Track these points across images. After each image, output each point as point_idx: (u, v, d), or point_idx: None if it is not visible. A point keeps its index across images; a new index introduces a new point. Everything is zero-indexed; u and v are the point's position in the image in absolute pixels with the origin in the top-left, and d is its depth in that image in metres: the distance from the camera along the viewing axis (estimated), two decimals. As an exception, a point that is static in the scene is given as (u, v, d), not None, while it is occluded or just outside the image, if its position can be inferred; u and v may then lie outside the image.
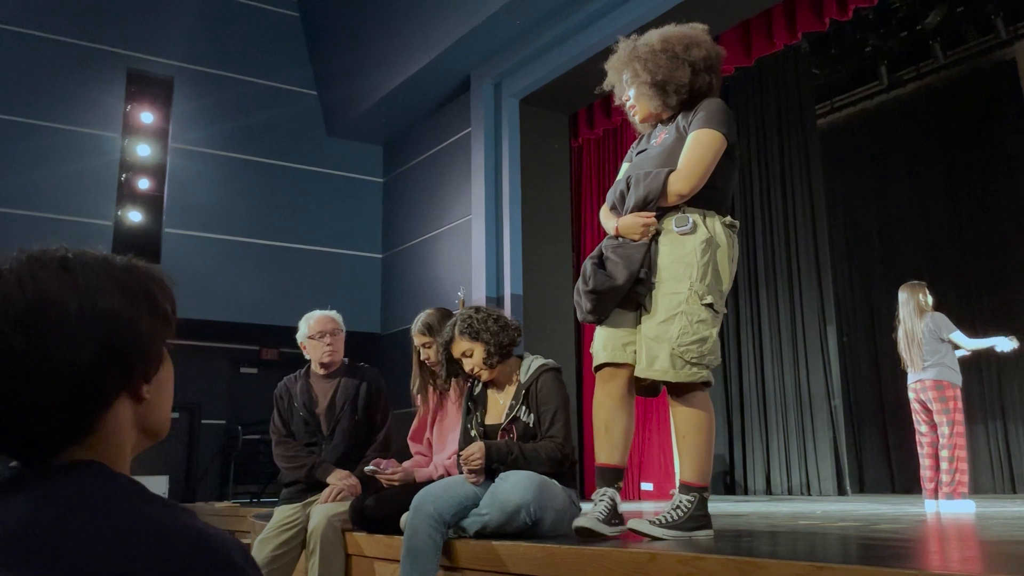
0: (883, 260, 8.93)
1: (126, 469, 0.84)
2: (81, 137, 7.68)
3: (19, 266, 0.79)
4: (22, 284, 0.77)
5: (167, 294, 0.88)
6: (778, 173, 8.31)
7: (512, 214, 7.10)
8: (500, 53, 7.12)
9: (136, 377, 0.83)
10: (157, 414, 0.88)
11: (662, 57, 2.58)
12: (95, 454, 0.80)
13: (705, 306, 2.44)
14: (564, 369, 2.83)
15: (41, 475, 0.76)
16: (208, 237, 8.03)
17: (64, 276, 0.79)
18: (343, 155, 8.95)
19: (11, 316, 0.76)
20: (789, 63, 8.28)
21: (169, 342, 0.89)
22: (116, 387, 0.82)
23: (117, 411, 0.83)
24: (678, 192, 2.48)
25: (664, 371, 2.42)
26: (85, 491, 0.74)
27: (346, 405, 3.61)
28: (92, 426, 0.80)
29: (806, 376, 7.77)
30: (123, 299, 0.82)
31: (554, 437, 2.85)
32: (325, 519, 3.32)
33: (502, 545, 2.56)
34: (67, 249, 0.83)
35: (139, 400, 0.85)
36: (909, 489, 7.82)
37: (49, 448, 0.79)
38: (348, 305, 5.84)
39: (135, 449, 0.87)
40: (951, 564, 1.90)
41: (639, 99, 2.70)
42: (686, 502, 2.45)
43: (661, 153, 2.60)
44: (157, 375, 0.87)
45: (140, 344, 0.83)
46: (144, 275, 0.86)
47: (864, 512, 4.49)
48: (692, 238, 2.48)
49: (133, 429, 0.86)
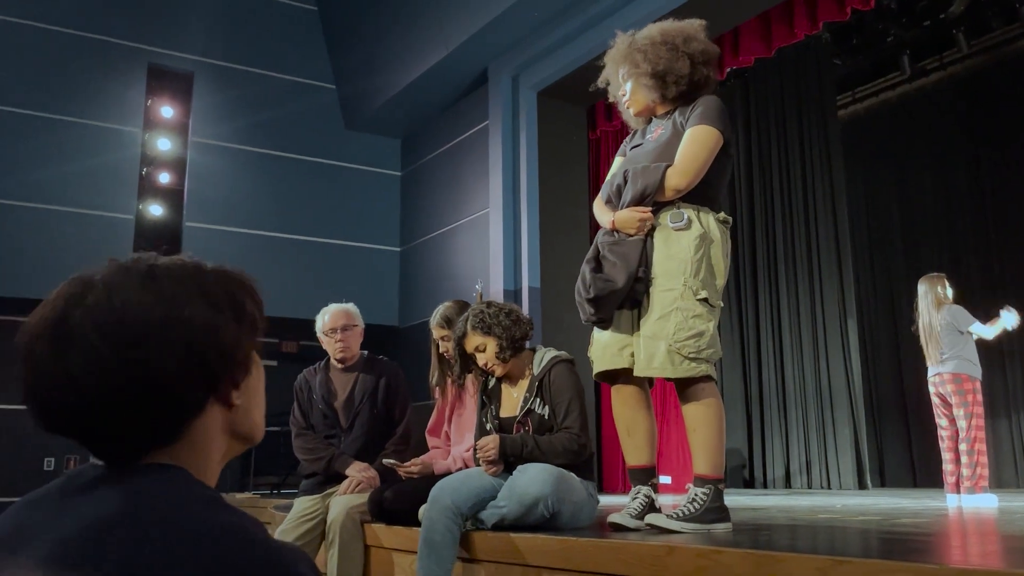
0: (905, 252, 8.84)
1: (209, 475, 0.85)
2: (103, 132, 7.75)
3: (109, 275, 0.82)
4: (110, 293, 0.80)
5: (256, 300, 0.90)
6: (799, 165, 8.24)
7: (530, 207, 7.10)
8: (518, 46, 7.11)
9: (223, 384, 0.85)
10: (249, 419, 0.90)
11: (662, 48, 2.60)
12: (179, 459, 0.82)
13: (700, 301, 2.45)
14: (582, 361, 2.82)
15: (120, 476, 0.78)
16: (228, 231, 8.09)
17: (149, 285, 0.81)
18: (361, 149, 8.98)
19: (99, 325, 0.78)
20: (810, 53, 8.19)
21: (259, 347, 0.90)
22: (203, 394, 0.83)
23: (207, 417, 0.84)
24: (675, 187, 2.49)
25: (663, 368, 2.44)
26: (157, 494, 0.76)
27: (365, 399, 3.63)
28: (179, 432, 0.82)
29: (826, 369, 7.71)
30: (207, 307, 0.83)
31: (570, 428, 2.85)
32: (344, 511, 3.34)
33: (520, 537, 2.57)
34: (157, 257, 0.85)
35: (229, 406, 0.86)
36: (931, 483, 7.75)
37: (135, 451, 0.81)
38: (366, 298, 5.89)
39: (228, 454, 0.89)
40: (972, 559, 1.88)
41: (636, 91, 2.71)
42: (701, 495, 2.45)
43: (657, 148, 2.61)
44: (247, 381, 0.88)
45: (224, 351, 0.83)
46: (233, 282, 0.88)
47: (885, 506, 4.46)
48: (686, 234, 2.49)
49: (223, 435, 0.87)
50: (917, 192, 8.83)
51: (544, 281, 6.99)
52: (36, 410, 0.80)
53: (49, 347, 0.78)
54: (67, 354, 0.77)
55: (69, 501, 0.76)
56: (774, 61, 7.62)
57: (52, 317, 0.79)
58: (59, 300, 0.80)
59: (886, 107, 9.14)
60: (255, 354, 0.90)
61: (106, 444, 0.80)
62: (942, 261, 8.29)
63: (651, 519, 2.47)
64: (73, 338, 0.77)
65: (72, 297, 0.80)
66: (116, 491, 0.75)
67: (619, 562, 2.19)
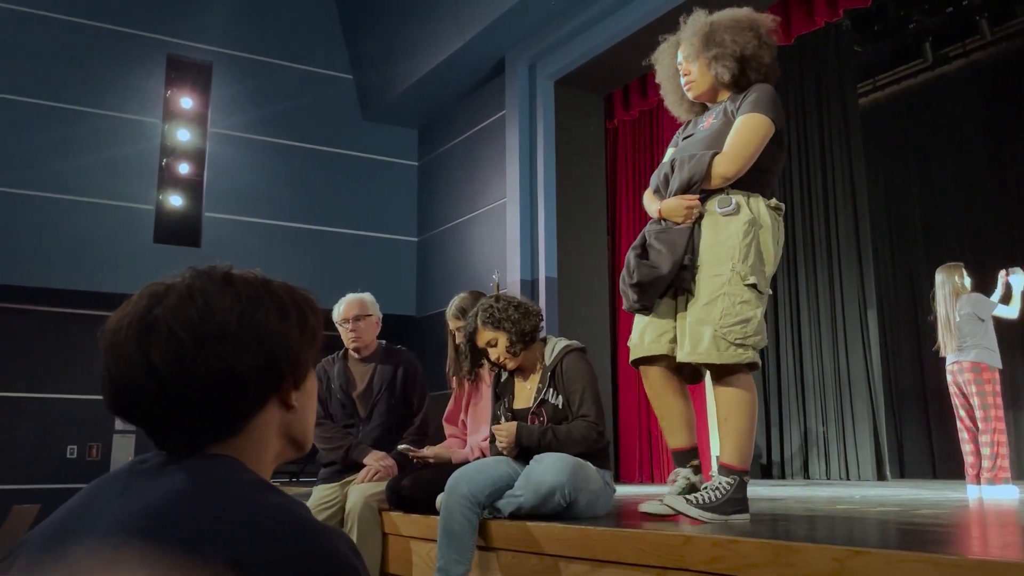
0: (925, 243, 8.75)
1: (263, 472, 0.91)
2: (123, 123, 7.80)
3: (189, 279, 0.90)
4: (192, 294, 0.87)
5: (317, 315, 0.98)
6: (818, 153, 8.17)
7: (547, 197, 7.08)
8: (535, 34, 7.08)
9: (286, 383, 0.92)
10: (303, 423, 0.97)
11: (748, 34, 2.58)
12: (237, 453, 0.88)
13: (748, 287, 2.42)
14: (599, 351, 2.84)
15: (182, 462, 0.85)
16: (247, 221, 8.14)
17: (227, 289, 0.89)
18: (378, 139, 9.00)
19: (182, 321, 0.85)
20: (830, 40, 8.11)
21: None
22: (267, 392, 0.91)
23: (265, 416, 0.92)
24: (722, 174, 2.46)
25: (708, 353, 2.41)
26: (217, 476, 0.82)
27: (383, 389, 3.65)
28: (241, 427, 0.89)
29: (845, 359, 7.66)
30: (277, 313, 0.91)
31: (587, 416, 2.85)
32: (362, 499, 3.37)
33: (537, 526, 2.58)
34: (231, 266, 0.94)
35: (288, 407, 0.94)
36: (951, 475, 7.69)
37: (198, 442, 0.87)
38: (384, 288, 5.90)
39: (278, 458, 0.96)
40: (991, 550, 1.87)
41: (705, 73, 2.66)
42: (725, 484, 2.43)
43: (708, 137, 2.59)
44: (304, 386, 0.96)
45: (290, 354, 0.91)
46: (298, 296, 0.97)
47: (904, 497, 4.44)
48: (735, 219, 2.46)
49: (278, 438, 0.94)
50: (938, 181, 8.72)
51: (561, 271, 6.98)
52: (113, 397, 0.87)
53: (134, 336, 0.85)
54: (150, 343, 0.84)
55: (135, 481, 0.83)
56: (794, 49, 7.55)
57: (137, 311, 0.86)
58: (143, 298, 0.88)
59: (907, 95, 9.04)
60: (311, 365, 0.97)
61: (173, 433, 0.87)
62: (963, 251, 8.20)
63: (669, 500, 2.46)
64: (158, 329, 0.84)
65: (155, 296, 0.87)
66: (179, 473, 0.82)
67: (635, 551, 2.20)
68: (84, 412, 7.65)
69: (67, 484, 7.42)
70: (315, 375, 1.00)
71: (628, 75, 7.20)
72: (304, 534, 0.78)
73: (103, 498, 0.82)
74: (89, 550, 0.75)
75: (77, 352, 7.47)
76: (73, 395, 7.72)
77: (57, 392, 7.72)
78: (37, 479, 7.46)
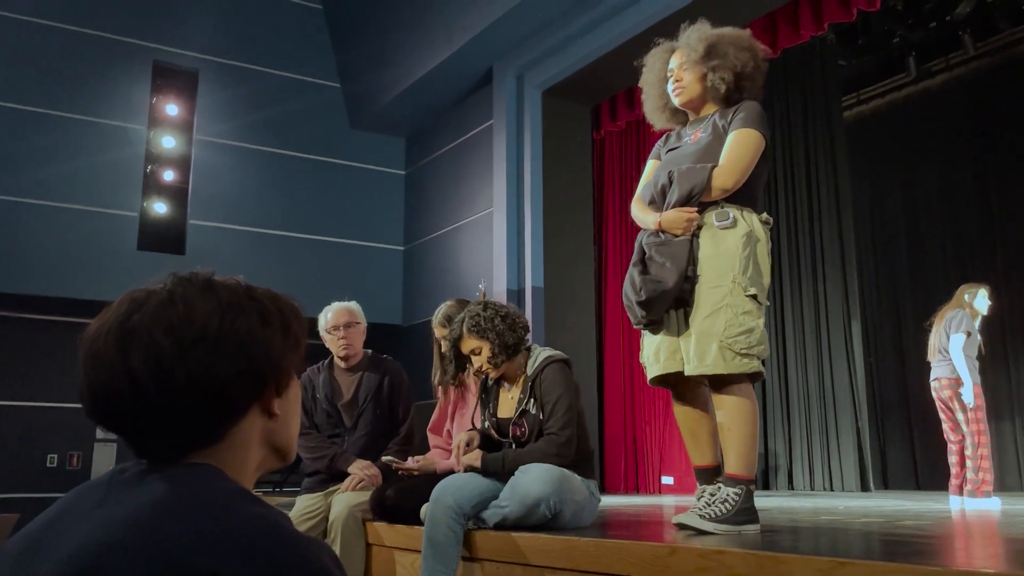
0: (909, 255, 8.82)
1: (244, 481, 0.90)
2: (108, 129, 7.76)
3: (171, 285, 0.88)
4: (173, 299, 0.86)
5: (300, 322, 0.96)
6: (803, 166, 8.22)
7: (534, 207, 7.10)
8: (523, 45, 7.11)
9: (268, 390, 0.91)
10: (286, 432, 0.96)
11: (746, 54, 2.65)
12: (218, 462, 0.87)
13: (749, 297, 2.44)
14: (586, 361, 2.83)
15: (163, 471, 0.83)
16: (232, 228, 8.10)
17: (209, 295, 0.88)
18: (365, 147, 8.99)
19: (163, 327, 0.84)
20: (815, 54, 8.18)
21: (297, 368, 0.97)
22: (249, 399, 0.89)
23: (247, 423, 0.90)
24: (722, 187, 2.49)
25: (715, 365, 2.42)
26: (197, 485, 0.81)
27: (369, 398, 3.62)
28: (222, 434, 0.88)
29: (830, 371, 7.70)
30: (259, 319, 0.90)
31: (550, 430, 2.83)
32: (346, 509, 3.34)
33: (522, 536, 2.57)
34: (213, 273, 0.93)
35: (271, 415, 0.92)
36: (934, 486, 7.74)
37: (178, 450, 0.86)
38: (370, 297, 5.88)
39: (260, 467, 0.94)
40: (974, 561, 1.88)
41: (696, 84, 2.69)
42: (733, 495, 2.44)
43: (698, 151, 2.61)
44: (286, 393, 0.94)
45: (272, 360, 0.90)
46: (281, 303, 0.95)
47: (887, 508, 4.45)
48: (733, 232, 2.49)
49: (260, 446, 0.93)
50: (922, 194, 8.80)
51: (547, 281, 6.99)
52: (92, 405, 0.85)
53: (113, 343, 0.83)
54: (130, 350, 0.83)
55: (115, 491, 0.81)
56: (779, 61, 7.61)
57: (116, 318, 0.85)
58: (123, 304, 0.86)
59: (892, 108, 9.12)
60: (294, 374, 0.96)
61: (153, 441, 0.85)
62: (947, 264, 8.27)
63: (681, 518, 2.46)
64: (137, 335, 0.83)
65: (135, 302, 0.86)
66: (159, 483, 0.80)
67: (621, 562, 2.19)
68: (65, 420, 7.58)
69: (47, 493, 7.34)
70: (299, 383, 0.99)
71: (615, 86, 7.23)
72: (286, 546, 0.77)
73: (81, 508, 0.81)
74: (66, 562, 0.73)
75: (58, 360, 7.39)
76: (54, 403, 7.64)
77: (37, 400, 7.64)
78: (16, 488, 7.37)
